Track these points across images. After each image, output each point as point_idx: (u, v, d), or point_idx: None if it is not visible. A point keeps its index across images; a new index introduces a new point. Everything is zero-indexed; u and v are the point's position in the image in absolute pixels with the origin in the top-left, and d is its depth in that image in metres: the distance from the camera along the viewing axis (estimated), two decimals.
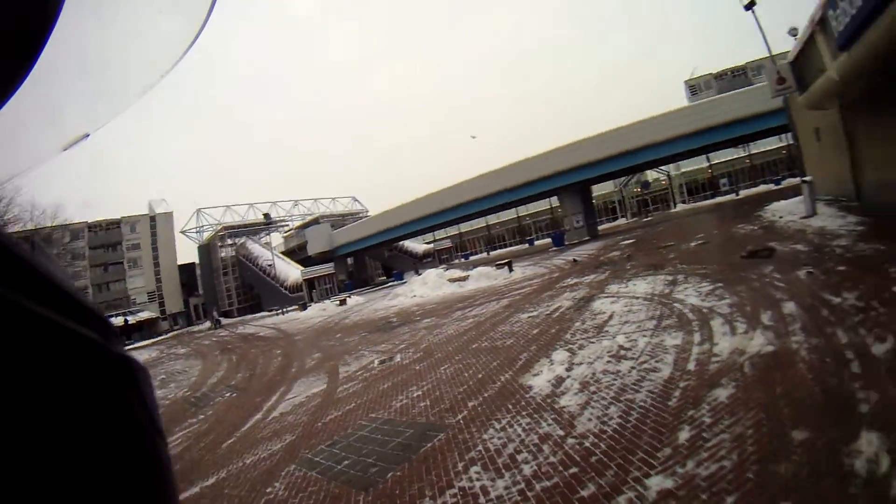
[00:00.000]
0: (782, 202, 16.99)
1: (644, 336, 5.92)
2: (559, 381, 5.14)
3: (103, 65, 0.48)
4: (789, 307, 5.53)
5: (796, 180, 14.96)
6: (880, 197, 11.15)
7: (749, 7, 15.46)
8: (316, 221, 55.45)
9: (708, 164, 50.15)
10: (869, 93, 10.58)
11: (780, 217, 14.48)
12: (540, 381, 5.29)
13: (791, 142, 19.35)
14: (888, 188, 10.62)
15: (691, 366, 4.60)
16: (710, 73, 42.06)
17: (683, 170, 50.63)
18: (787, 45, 14.36)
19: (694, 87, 42.13)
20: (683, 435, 3.37)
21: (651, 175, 51.59)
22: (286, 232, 61.75)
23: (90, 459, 0.24)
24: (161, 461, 0.30)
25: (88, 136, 0.52)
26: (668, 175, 51.38)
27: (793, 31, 13.28)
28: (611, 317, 7.37)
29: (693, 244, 14.13)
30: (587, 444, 3.59)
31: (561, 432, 3.92)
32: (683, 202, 49.86)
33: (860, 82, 9.78)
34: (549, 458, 3.55)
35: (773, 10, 18.17)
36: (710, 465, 2.93)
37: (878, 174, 11.46)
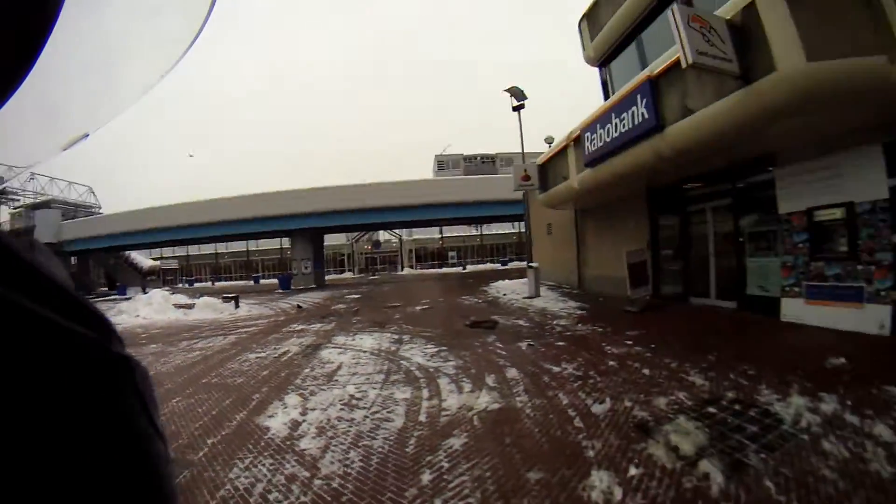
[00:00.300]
0: (507, 281, 20.60)
1: (374, 388, 6.35)
2: (296, 424, 5.26)
3: (103, 65, 0.49)
4: (512, 372, 6.65)
5: (523, 264, 18.07)
6: (596, 287, 15.65)
7: (516, 109, 18.81)
8: (48, 205, 45.84)
9: (440, 236, 56.78)
10: (594, 205, 14.80)
11: (505, 294, 17.40)
12: (276, 422, 5.35)
13: (523, 230, 23.27)
14: (602, 281, 15.06)
15: (423, 418, 5.12)
16: (461, 154, 47.82)
17: (415, 237, 56.39)
18: (539, 148, 17.49)
19: (442, 163, 47.45)
20: (426, 477, 3.74)
21: (383, 236, 56.24)
22: (16, 208, 47.64)
23: (88, 460, 0.26)
24: (160, 462, 0.31)
25: (88, 136, 0.54)
26: (400, 239, 56.47)
27: (549, 140, 16.47)
28: (339, 367, 7.73)
29: (419, 308, 15.80)
30: (335, 485, 3.75)
31: (307, 473, 4.01)
32: (411, 267, 55.42)
33: (593, 196, 12.95)
34: (300, 497, 3.62)
35: (534, 116, 22.29)
36: (457, 501, 3.32)
37: (596, 270, 16.01)
